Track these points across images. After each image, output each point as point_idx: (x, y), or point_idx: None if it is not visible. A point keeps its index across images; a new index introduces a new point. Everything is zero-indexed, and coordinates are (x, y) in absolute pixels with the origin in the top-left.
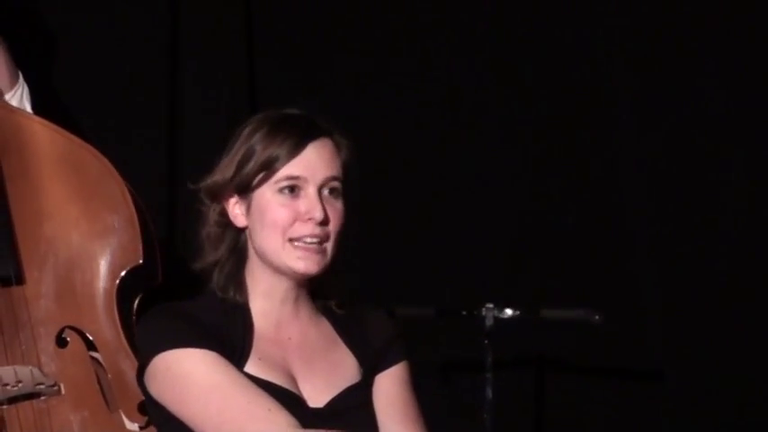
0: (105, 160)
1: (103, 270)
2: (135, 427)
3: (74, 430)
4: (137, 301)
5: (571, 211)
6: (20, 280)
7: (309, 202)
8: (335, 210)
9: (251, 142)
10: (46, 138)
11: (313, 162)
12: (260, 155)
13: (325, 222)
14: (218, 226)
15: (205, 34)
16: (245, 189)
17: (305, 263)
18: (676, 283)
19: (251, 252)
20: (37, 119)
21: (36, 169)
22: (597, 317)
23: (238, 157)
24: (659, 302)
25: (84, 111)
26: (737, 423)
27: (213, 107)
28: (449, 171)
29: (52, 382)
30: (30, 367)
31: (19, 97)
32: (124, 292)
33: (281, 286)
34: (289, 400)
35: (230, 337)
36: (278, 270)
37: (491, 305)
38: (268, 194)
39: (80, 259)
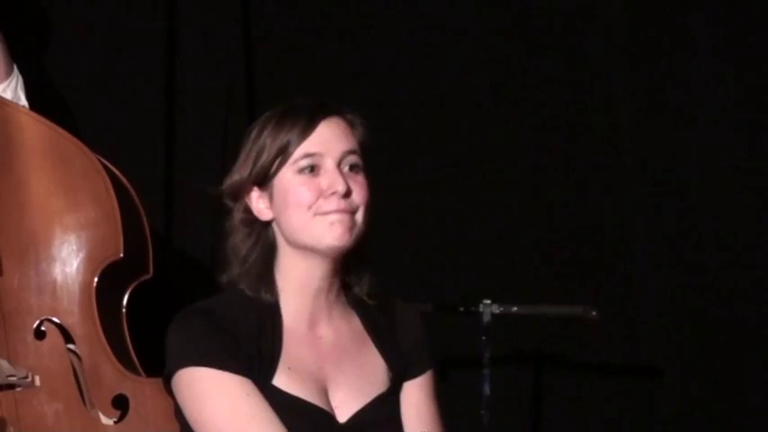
0: (90, 153)
1: (83, 264)
2: (109, 421)
3: (48, 422)
4: (127, 294)
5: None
6: None
7: (330, 176)
8: (358, 183)
9: (262, 137)
10: (32, 129)
11: (327, 137)
12: (272, 144)
13: (348, 194)
14: (244, 225)
15: (203, 29)
16: (264, 179)
17: (336, 233)
18: (673, 279)
19: (280, 245)
20: (23, 110)
21: (21, 161)
22: (594, 313)
23: (253, 154)
24: (656, 298)
25: (80, 105)
26: (735, 420)
27: (211, 102)
28: (446, 167)
29: (24, 374)
30: (0, 360)
31: (14, 88)
32: (109, 285)
33: (315, 274)
34: (317, 416)
35: (261, 346)
36: (311, 250)
37: (488, 301)
38: (288, 177)
39: (61, 252)
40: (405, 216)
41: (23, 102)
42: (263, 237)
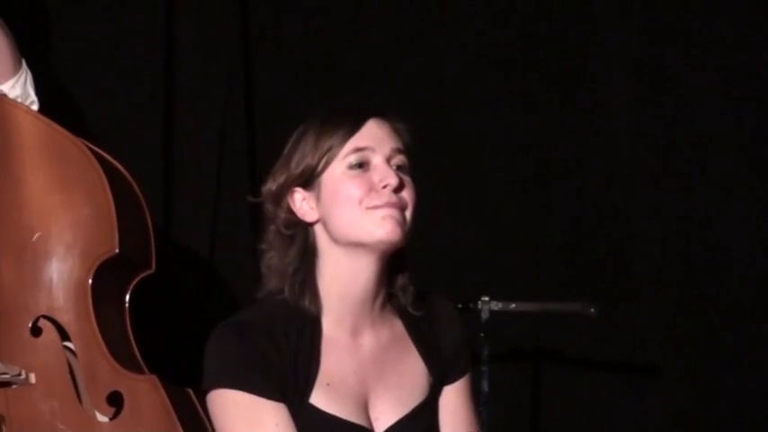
0: (87, 150)
1: (79, 261)
2: (104, 418)
3: (43, 419)
4: (129, 290)
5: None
6: None
7: (381, 170)
8: (408, 184)
9: (304, 140)
10: (30, 126)
11: (376, 133)
12: (318, 145)
13: (400, 189)
14: (286, 227)
15: (201, 27)
16: (309, 178)
17: (388, 227)
18: (672, 276)
19: (323, 248)
20: (20, 106)
21: (18, 158)
22: (593, 310)
23: (296, 157)
24: (655, 295)
25: (78, 102)
26: (734, 416)
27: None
28: (445, 165)
29: (17, 371)
30: None
31: (23, 83)
32: (109, 281)
33: (360, 277)
34: None
35: (299, 361)
36: (361, 246)
37: (487, 298)
38: (337, 173)
39: (57, 249)
40: None
41: (32, 98)
42: (305, 240)
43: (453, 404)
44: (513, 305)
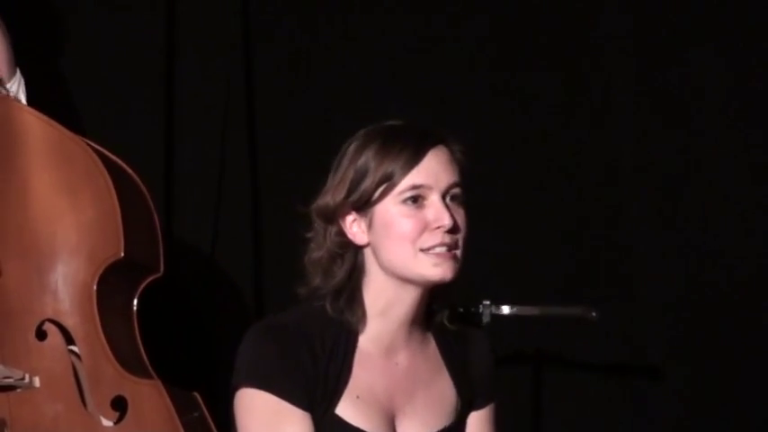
0: (93, 153)
1: (84, 264)
2: (108, 423)
3: (47, 423)
4: (138, 294)
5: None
6: None
7: (436, 210)
8: (460, 216)
9: (363, 158)
10: (37, 129)
11: (434, 169)
12: (377, 169)
13: (454, 230)
14: (337, 248)
15: (202, 26)
16: (364, 205)
17: (441, 269)
18: (673, 279)
19: (370, 269)
20: (29, 109)
21: (25, 160)
22: (594, 313)
23: (350, 176)
24: (656, 299)
25: (78, 103)
26: (735, 419)
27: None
28: None
29: (20, 375)
30: None
31: (15, 90)
32: (116, 284)
33: (405, 301)
34: None
35: (329, 370)
36: (410, 281)
37: (488, 302)
38: (391, 207)
39: (63, 252)
40: None
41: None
42: (354, 259)
43: (473, 430)
44: (515, 309)
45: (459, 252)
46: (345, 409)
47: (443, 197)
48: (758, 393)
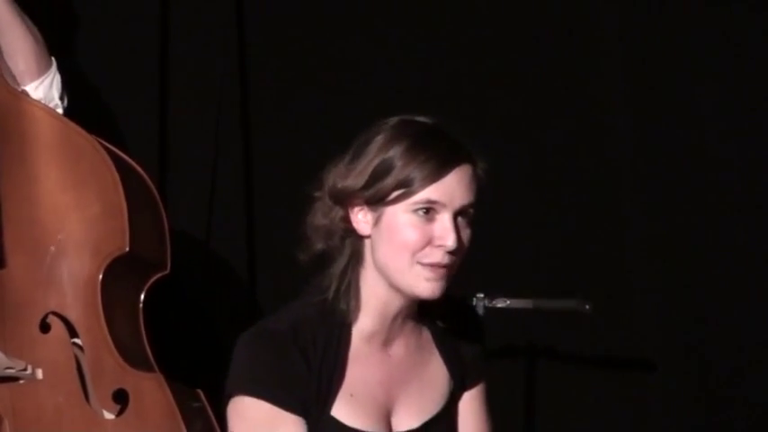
0: (100, 148)
1: (89, 258)
2: (110, 415)
3: (48, 415)
4: (144, 291)
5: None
6: (1, 263)
7: (444, 228)
8: (465, 236)
9: (389, 154)
10: (45, 123)
11: (453, 188)
12: (399, 171)
13: (455, 251)
14: (339, 230)
15: (196, 24)
16: (376, 202)
17: (431, 287)
18: (668, 272)
19: (368, 261)
20: (36, 103)
21: (33, 154)
22: (588, 306)
23: (372, 167)
24: (651, 292)
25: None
26: (730, 412)
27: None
28: None
29: (23, 366)
30: None
31: (47, 85)
32: (119, 279)
33: (395, 303)
34: None
35: (322, 371)
36: (397, 289)
37: (482, 295)
38: (401, 213)
39: (68, 246)
40: None
41: (56, 101)
42: (354, 246)
43: (468, 410)
44: (509, 302)
45: (454, 267)
46: (340, 410)
47: (455, 217)
48: (754, 387)
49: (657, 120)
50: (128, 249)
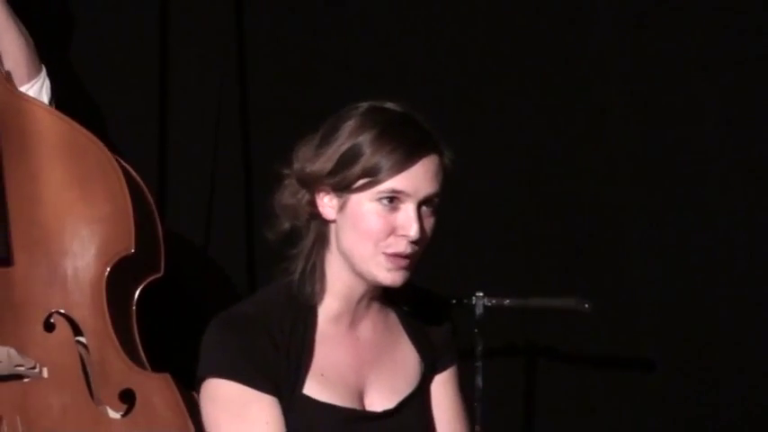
0: (105, 148)
1: (95, 257)
2: (116, 415)
3: (54, 414)
4: (138, 292)
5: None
6: (8, 262)
7: (408, 218)
8: (428, 225)
9: (357, 141)
10: (48, 123)
11: (419, 178)
12: (366, 160)
13: (418, 241)
14: (305, 213)
15: (195, 25)
16: (343, 189)
17: (392, 276)
18: (667, 271)
19: (332, 246)
20: (40, 104)
21: (36, 154)
22: (587, 305)
23: (339, 154)
24: (650, 291)
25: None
26: (729, 412)
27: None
28: None
29: (32, 364)
30: (6, 348)
31: (37, 90)
32: (121, 280)
33: (359, 288)
34: (351, 418)
35: (291, 354)
36: (360, 275)
37: (481, 294)
38: (366, 201)
39: (73, 245)
40: None
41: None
42: (320, 229)
43: (440, 393)
44: (507, 301)
45: (416, 256)
46: (312, 388)
47: (418, 207)
48: (753, 386)
49: (657, 120)
50: (133, 250)
